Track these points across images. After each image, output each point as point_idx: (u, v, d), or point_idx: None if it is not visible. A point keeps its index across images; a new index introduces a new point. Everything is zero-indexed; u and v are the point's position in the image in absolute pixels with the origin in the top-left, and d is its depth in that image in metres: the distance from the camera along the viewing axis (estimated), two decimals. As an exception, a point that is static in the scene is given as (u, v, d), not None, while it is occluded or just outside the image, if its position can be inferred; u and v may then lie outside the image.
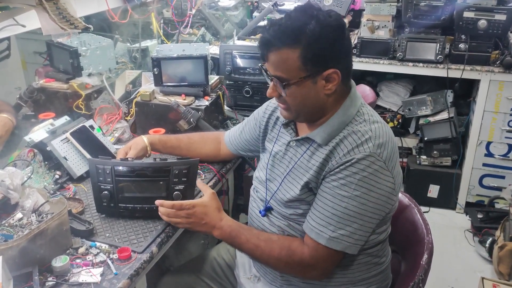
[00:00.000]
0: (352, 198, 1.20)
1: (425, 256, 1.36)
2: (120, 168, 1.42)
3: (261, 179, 1.48)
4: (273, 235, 1.37)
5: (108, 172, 1.41)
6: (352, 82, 1.33)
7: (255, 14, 3.34)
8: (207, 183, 1.65)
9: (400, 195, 1.54)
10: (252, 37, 2.96)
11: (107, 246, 1.33)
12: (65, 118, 1.81)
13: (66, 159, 1.63)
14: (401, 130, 3.43)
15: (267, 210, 1.43)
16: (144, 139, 1.65)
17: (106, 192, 1.42)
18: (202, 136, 1.77)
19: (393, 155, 1.25)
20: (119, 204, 1.43)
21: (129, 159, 1.48)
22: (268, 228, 1.42)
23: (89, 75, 2.02)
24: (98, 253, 1.30)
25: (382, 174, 1.21)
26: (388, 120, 3.38)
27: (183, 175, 1.43)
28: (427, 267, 1.34)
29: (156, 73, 1.96)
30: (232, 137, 1.68)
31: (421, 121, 3.21)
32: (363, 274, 1.36)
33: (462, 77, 2.92)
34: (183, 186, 1.43)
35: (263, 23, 3.15)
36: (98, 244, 1.33)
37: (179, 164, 1.42)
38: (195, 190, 1.50)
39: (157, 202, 1.39)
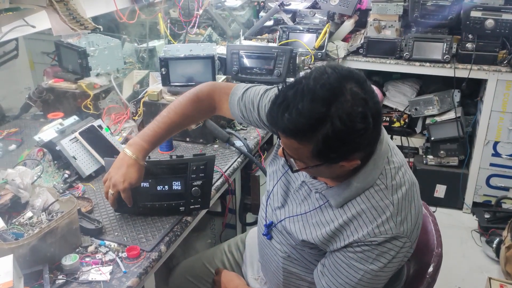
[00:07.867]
0: (368, 271, 1.13)
1: (431, 268, 1.33)
2: None
3: (268, 195, 1.40)
4: None
5: None
6: (381, 136, 1.14)
7: (262, 14, 3.34)
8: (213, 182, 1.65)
9: None
10: (259, 37, 2.97)
11: (116, 244, 1.34)
12: (73, 118, 1.82)
13: (75, 159, 1.64)
14: (407, 129, 3.42)
15: (270, 227, 1.37)
16: (133, 159, 1.35)
17: None
18: (191, 118, 1.51)
19: (417, 219, 1.16)
20: (138, 203, 1.44)
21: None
22: (273, 245, 1.36)
23: (97, 75, 2.04)
24: (107, 252, 1.31)
25: (402, 248, 1.13)
26: (395, 120, 3.37)
27: (201, 171, 1.44)
28: (430, 280, 1.31)
29: (163, 73, 1.96)
30: (240, 114, 1.43)
31: (428, 121, 3.20)
32: None
33: (469, 76, 2.91)
34: (201, 182, 1.44)
35: (269, 23, 3.16)
36: (107, 242, 1.34)
37: (196, 161, 1.43)
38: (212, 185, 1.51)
39: None
